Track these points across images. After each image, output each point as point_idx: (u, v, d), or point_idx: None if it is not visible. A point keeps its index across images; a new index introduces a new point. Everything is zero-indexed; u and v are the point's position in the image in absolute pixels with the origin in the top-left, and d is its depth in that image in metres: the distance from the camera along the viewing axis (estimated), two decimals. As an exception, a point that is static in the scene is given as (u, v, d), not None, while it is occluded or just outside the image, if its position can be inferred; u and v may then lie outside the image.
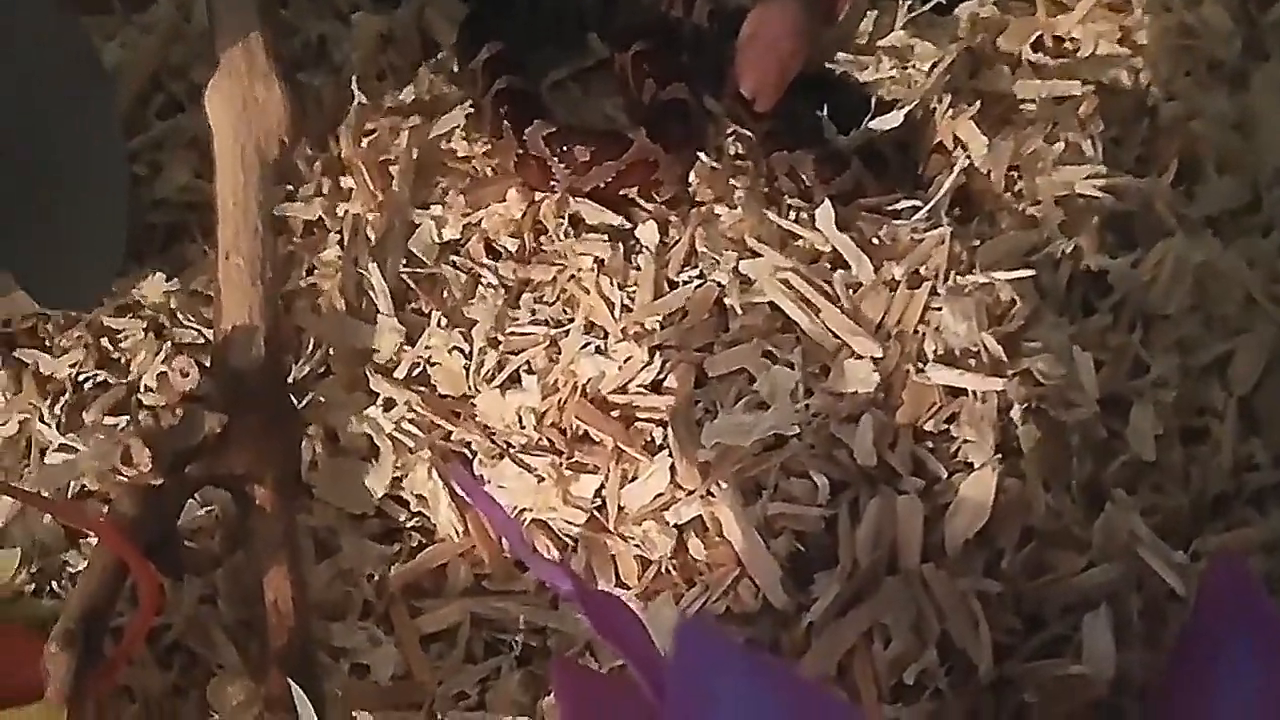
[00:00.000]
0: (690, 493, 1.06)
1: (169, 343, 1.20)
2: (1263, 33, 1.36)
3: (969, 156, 1.25)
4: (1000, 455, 1.04)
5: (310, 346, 1.18)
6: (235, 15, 1.16)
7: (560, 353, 1.14)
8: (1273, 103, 1.31)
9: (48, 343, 1.22)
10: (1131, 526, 1.03)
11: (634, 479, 1.08)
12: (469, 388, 1.14)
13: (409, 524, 1.11)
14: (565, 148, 1.24)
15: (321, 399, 1.14)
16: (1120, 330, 1.15)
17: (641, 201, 1.25)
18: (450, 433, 1.12)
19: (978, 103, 1.28)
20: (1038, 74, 1.35)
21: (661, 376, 1.12)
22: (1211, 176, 1.27)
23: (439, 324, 1.17)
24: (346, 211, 1.26)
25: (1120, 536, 1.03)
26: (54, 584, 1.08)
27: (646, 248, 1.20)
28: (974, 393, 1.07)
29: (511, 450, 1.11)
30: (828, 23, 1.32)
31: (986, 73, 1.35)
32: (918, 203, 1.19)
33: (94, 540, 1.07)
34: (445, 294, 1.20)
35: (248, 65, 1.15)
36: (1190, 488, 1.09)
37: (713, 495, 1.05)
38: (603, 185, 1.25)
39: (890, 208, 1.21)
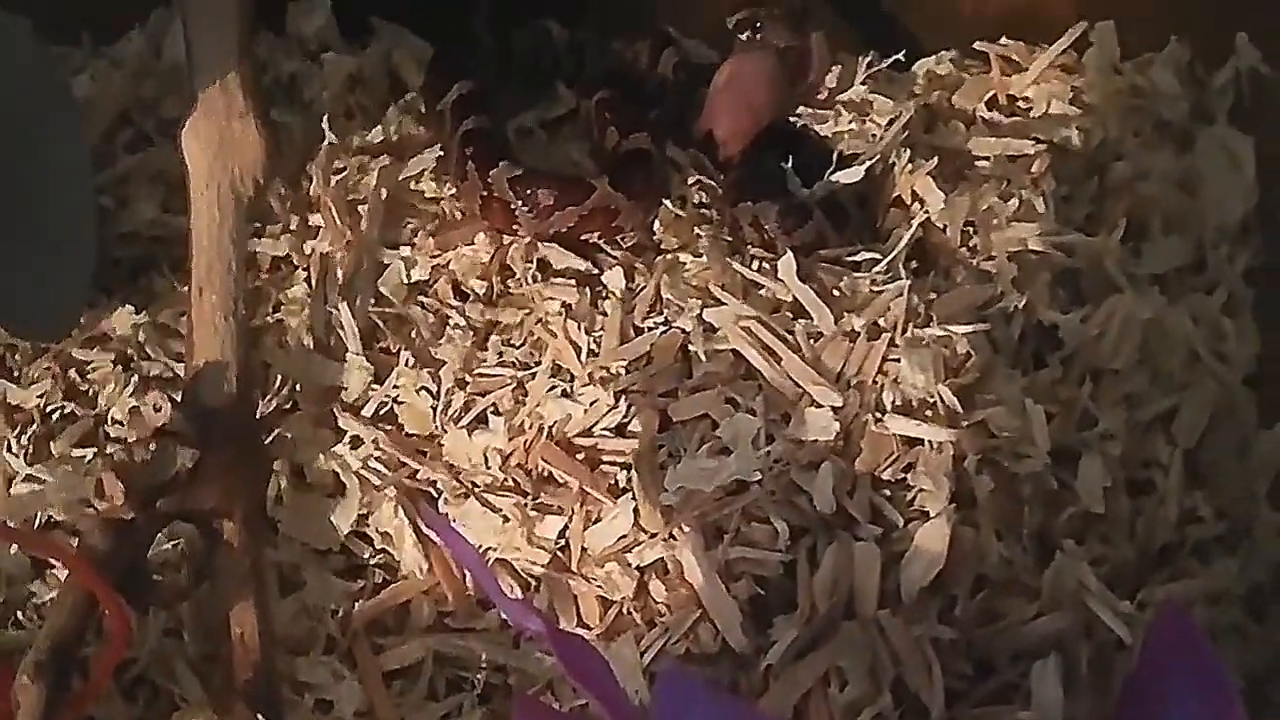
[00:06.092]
0: (653, 536, 1.08)
1: (137, 375, 1.20)
2: (1209, 96, 1.39)
3: (926, 211, 1.26)
4: (955, 504, 1.07)
5: (277, 382, 1.18)
6: (214, 54, 1.17)
7: (527, 395, 1.15)
8: (1218, 164, 1.34)
9: (15, 373, 1.22)
10: (1080, 576, 1.06)
11: (597, 521, 1.10)
12: (436, 427, 1.15)
13: (373, 561, 1.12)
14: (529, 191, 1.25)
15: (288, 435, 1.15)
16: (1070, 384, 1.18)
17: (608, 248, 1.27)
18: (416, 471, 1.13)
19: (935, 159, 1.29)
20: (992, 131, 1.38)
21: (626, 420, 1.13)
22: (1158, 235, 1.30)
23: (407, 364, 1.18)
24: (314, 249, 1.26)
25: (1069, 586, 1.06)
26: (19, 614, 1.08)
27: (613, 293, 1.21)
28: (930, 443, 1.09)
29: (477, 490, 1.12)
30: (797, 79, 1.35)
31: (942, 129, 1.38)
32: (877, 255, 1.21)
33: (60, 571, 1.07)
34: (413, 334, 1.21)
35: (226, 104, 1.16)
36: (1136, 539, 1.12)
37: (675, 539, 1.07)
38: (565, 230, 1.26)
39: (850, 260, 1.23)
